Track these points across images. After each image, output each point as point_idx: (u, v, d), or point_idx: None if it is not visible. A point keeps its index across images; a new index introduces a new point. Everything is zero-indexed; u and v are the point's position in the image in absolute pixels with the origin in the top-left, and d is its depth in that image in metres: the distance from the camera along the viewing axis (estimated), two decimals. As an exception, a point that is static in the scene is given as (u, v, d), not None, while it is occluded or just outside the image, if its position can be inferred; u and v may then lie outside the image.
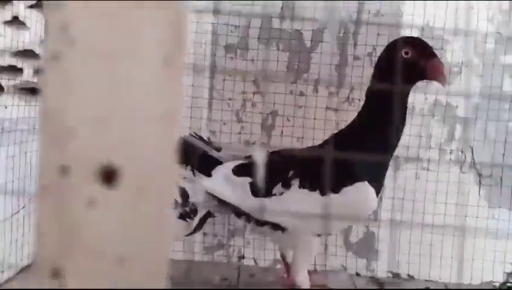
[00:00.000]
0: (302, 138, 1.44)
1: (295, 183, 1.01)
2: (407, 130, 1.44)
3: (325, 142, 1.10)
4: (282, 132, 1.45)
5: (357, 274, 1.39)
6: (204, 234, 1.43)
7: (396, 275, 1.41)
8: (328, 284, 1.24)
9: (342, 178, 0.96)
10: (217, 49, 1.44)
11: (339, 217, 0.97)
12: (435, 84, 1.42)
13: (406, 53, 0.98)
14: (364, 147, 0.99)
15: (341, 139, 1.05)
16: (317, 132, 1.42)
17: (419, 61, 0.97)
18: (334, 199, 0.95)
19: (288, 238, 1.05)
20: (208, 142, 1.15)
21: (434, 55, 0.98)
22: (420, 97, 1.46)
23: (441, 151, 1.46)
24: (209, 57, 1.43)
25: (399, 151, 1.47)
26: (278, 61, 1.45)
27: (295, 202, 0.98)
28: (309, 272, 1.32)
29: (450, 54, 1.46)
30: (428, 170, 1.45)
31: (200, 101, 1.44)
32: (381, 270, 1.42)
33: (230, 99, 1.45)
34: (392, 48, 1.02)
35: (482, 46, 1.46)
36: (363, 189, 0.98)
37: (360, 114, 1.08)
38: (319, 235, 1.03)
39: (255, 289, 1.21)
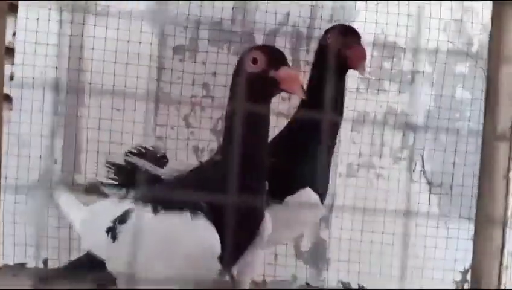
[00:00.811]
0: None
1: None
2: (360, 137, 1.46)
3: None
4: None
5: (307, 284, 1.37)
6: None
7: (346, 285, 1.39)
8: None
9: (285, 186, 0.92)
10: (165, 51, 1.38)
11: (283, 227, 0.93)
12: (390, 93, 1.46)
13: (329, 38, 0.98)
14: (301, 151, 0.96)
15: (275, 146, 1.01)
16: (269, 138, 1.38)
17: (340, 49, 0.96)
18: (278, 208, 0.91)
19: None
20: (152, 153, 1.07)
21: (355, 41, 0.97)
22: (373, 105, 1.46)
23: (393, 159, 1.46)
24: (155, 58, 1.37)
25: (352, 158, 1.48)
26: (228, 64, 1.40)
27: None
28: (255, 283, 1.29)
29: (403, 62, 1.46)
30: (380, 176, 1.44)
31: (147, 105, 1.38)
32: (332, 279, 1.40)
33: (178, 103, 1.39)
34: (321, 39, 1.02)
35: (434, 54, 1.47)
36: (306, 196, 0.94)
37: (293, 117, 1.05)
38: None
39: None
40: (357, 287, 1.38)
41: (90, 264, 0.89)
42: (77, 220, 0.96)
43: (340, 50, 0.95)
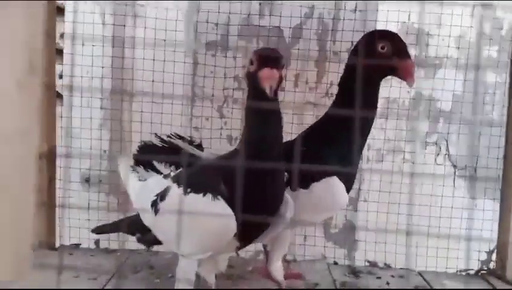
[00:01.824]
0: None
1: None
2: (389, 123, 1.50)
3: (297, 138, 1.14)
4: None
5: (335, 263, 1.44)
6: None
7: (373, 264, 1.45)
8: (302, 273, 1.29)
9: (311, 174, 0.99)
10: (198, 47, 1.48)
11: (309, 212, 1.01)
12: (418, 79, 1.48)
13: (383, 48, 1.00)
14: (333, 142, 1.02)
15: (311, 135, 1.08)
16: (297, 127, 1.45)
17: (392, 58, 0.99)
18: (304, 194, 0.98)
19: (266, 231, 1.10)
20: (190, 141, 1.18)
21: (408, 55, 0.99)
22: (403, 91, 1.50)
23: (420, 144, 1.49)
24: (190, 54, 1.47)
25: (380, 143, 1.53)
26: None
27: None
28: (286, 262, 1.38)
29: (430, 48, 1.49)
30: (407, 161, 1.49)
31: (182, 98, 1.48)
32: (359, 259, 1.47)
33: (212, 95, 1.49)
34: (369, 40, 1.03)
35: (463, 40, 1.49)
36: (332, 184, 1.00)
37: (332, 106, 1.11)
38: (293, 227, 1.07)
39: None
40: (383, 266, 1.44)
41: (141, 224, 1.02)
42: (132, 193, 1.09)
43: (391, 59, 0.98)
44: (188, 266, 0.97)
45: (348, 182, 1.05)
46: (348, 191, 1.07)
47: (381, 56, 0.99)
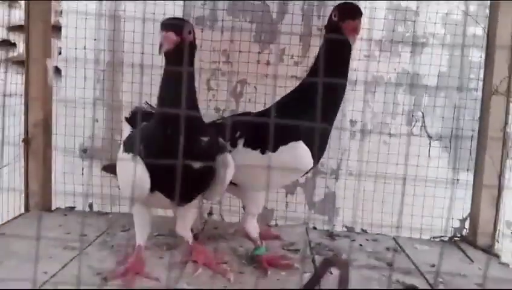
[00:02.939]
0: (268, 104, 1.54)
1: (240, 142, 1.12)
2: (374, 97, 1.55)
3: (273, 104, 1.20)
4: (249, 99, 1.56)
5: (314, 228, 1.51)
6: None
7: (350, 229, 1.52)
8: (280, 235, 1.36)
9: (279, 138, 1.06)
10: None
11: (277, 174, 1.08)
12: (402, 55, 1.53)
13: (334, 16, 1.09)
14: (304, 108, 1.08)
15: (284, 103, 1.15)
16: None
17: (338, 23, 1.07)
18: (272, 156, 1.05)
19: (240, 192, 1.18)
20: None
21: (350, 16, 1.06)
22: (388, 67, 1.55)
23: (403, 117, 1.55)
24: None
25: (365, 117, 1.58)
26: (244, 32, 1.54)
27: (240, 159, 1.09)
28: (268, 226, 1.46)
29: (416, 25, 1.53)
30: (391, 135, 1.54)
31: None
32: (338, 225, 1.54)
33: (201, 68, 1.55)
34: (331, 13, 1.12)
35: (449, 17, 1.53)
36: (297, 148, 1.07)
37: (302, 80, 1.18)
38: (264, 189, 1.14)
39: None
40: (359, 231, 1.51)
41: None
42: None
43: (338, 23, 1.07)
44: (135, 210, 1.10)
45: (319, 148, 1.11)
46: (318, 158, 1.13)
47: (333, 23, 1.08)
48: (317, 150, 1.11)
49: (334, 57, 1.04)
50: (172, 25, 0.95)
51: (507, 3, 1.35)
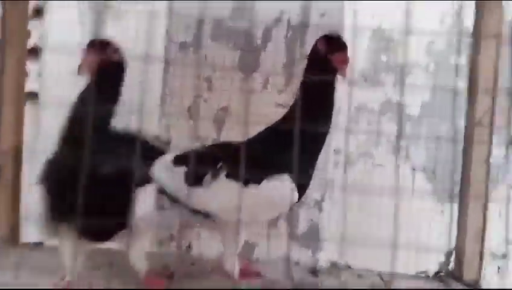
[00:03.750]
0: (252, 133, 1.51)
1: (222, 173, 1.07)
2: (357, 127, 1.53)
3: (257, 134, 1.16)
4: (232, 128, 1.52)
5: (297, 263, 1.46)
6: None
7: (334, 264, 1.48)
8: (261, 271, 1.30)
9: (263, 170, 1.02)
10: (171, 46, 1.50)
11: (259, 208, 1.03)
12: (387, 84, 1.53)
13: (320, 48, 1.06)
14: (284, 143, 1.05)
15: (271, 132, 1.11)
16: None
17: (327, 55, 1.04)
18: (255, 189, 1.01)
19: (218, 227, 1.12)
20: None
21: (339, 49, 1.04)
22: (372, 96, 1.54)
23: (388, 148, 1.53)
24: (162, 53, 1.49)
25: (349, 147, 1.56)
26: (228, 59, 1.51)
27: (222, 191, 1.04)
28: (248, 261, 1.40)
29: (401, 54, 1.53)
30: (376, 165, 1.52)
31: (153, 97, 1.50)
32: (323, 260, 1.49)
33: (182, 95, 1.51)
34: (314, 44, 1.09)
35: (432, 46, 1.53)
36: (282, 181, 1.03)
37: (291, 108, 1.14)
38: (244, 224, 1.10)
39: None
40: (344, 266, 1.47)
41: None
42: None
43: (327, 55, 1.04)
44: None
45: (303, 179, 1.07)
46: (300, 196, 1.09)
47: (319, 55, 1.05)
48: (302, 185, 1.07)
49: (317, 99, 1.02)
50: (93, 45, 0.96)
51: (489, 39, 1.36)
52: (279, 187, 1.03)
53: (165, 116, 1.50)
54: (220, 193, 1.04)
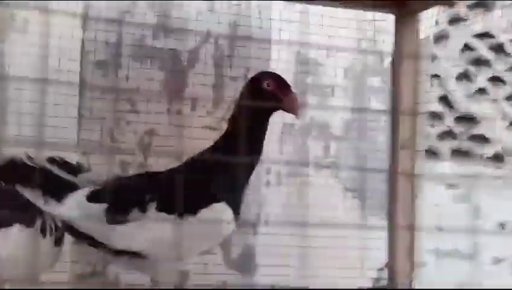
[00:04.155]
0: (181, 157, 1.43)
1: (152, 207, 0.98)
2: (286, 147, 1.53)
3: (185, 163, 1.09)
4: (159, 152, 1.43)
5: (234, 290, 1.41)
6: (75, 262, 1.33)
7: (273, 288, 1.45)
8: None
9: (199, 200, 0.96)
10: (87, 66, 1.38)
11: (198, 239, 0.97)
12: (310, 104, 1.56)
13: (268, 85, 1.05)
14: (219, 170, 1.01)
15: (199, 160, 1.06)
16: (196, 151, 1.42)
17: (277, 94, 1.03)
18: (192, 220, 0.94)
19: (150, 266, 1.02)
20: (70, 166, 1.08)
21: (291, 90, 1.05)
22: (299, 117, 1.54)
23: (316, 167, 1.55)
24: (77, 73, 1.37)
25: (279, 167, 1.56)
26: (152, 80, 1.43)
27: (153, 227, 0.96)
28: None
29: (323, 76, 1.57)
30: (305, 184, 1.53)
31: (69, 121, 1.36)
32: (260, 283, 1.45)
33: (102, 118, 1.39)
34: (256, 80, 1.08)
35: (351, 68, 1.59)
36: (220, 210, 0.98)
37: (222, 136, 1.10)
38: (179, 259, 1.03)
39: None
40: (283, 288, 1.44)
41: None
42: None
43: (276, 94, 1.03)
44: None
45: (236, 207, 1.03)
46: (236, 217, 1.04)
47: (267, 92, 1.04)
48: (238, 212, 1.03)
49: (252, 131, 1.00)
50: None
51: (408, 59, 1.45)
52: (219, 216, 0.97)
53: (83, 142, 1.37)
54: (152, 228, 0.95)
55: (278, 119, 1.51)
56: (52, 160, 1.03)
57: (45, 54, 1.32)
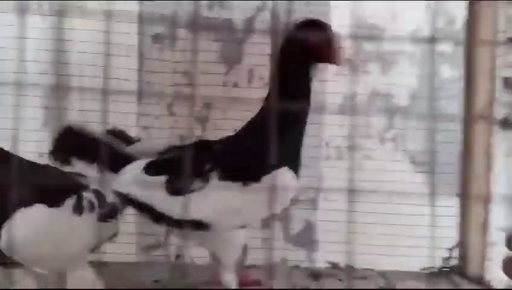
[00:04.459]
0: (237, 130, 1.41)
1: (214, 176, 0.97)
2: (345, 119, 1.46)
3: (240, 131, 1.07)
4: (216, 125, 1.41)
5: (295, 266, 1.37)
6: (141, 233, 1.36)
7: (334, 266, 1.40)
8: (261, 279, 1.21)
9: (261, 166, 0.93)
10: (144, 39, 1.38)
11: (261, 206, 0.94)
12: (373, 75, 1.46)
13: (306, 34, 0.99)
14: (274, 134, 0.96)
15: (255, 126, 1.02)
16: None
17: (317, 44, 0.97)
18: (256, 188, 0.92)
19: (212, 236, 1.01)
20: (129, 138, 1.08)
21: (331, 38, 0.98)
22: (359, 87, 1.46)
23: (379, 140, 1.46)
24: (136, 47, 1.37)
25: (339, 140, 1.49)
26: (208, 51, 1.40)
27: (216, 195, 0.94)
28: (245, 268, 1.30)
29: (385, 43, 1.46)
30: (367, 158, 1.45)
31: (127, 96, 1.37)
32: (321, 260, 1.41)
33: (161, 92, 1.39)
34: (298, 29, 1.02)
35: (418, 32, 1.47)
36: (283, 175, 0.96)
37: (267, 98, 1.06)
38: (242, 227, 1.01)
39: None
40: (344, 267, 1.38)
41: None
42: None
43: (317, 44, 0.97)
44: None
45: (297, 171, 1.02)
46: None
47: (305, 43, 0.98)
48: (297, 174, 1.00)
49: (295, 80, 0.97)
50: None
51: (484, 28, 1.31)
52: (282, 180, 0.94)
53: (142, 115, 1.38)
54: (215, 196, 0.93)
55: (336, 90, 1.45)
56: (110, 132, 1.04)
57: (104, 29, 1.33)
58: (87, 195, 0.92)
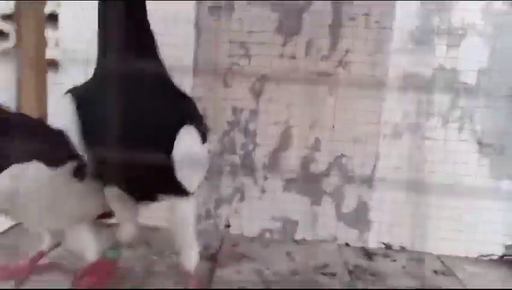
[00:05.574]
0: (290, 105, 1.37)
1: None
2: (406, 96, 1.38)
3: None
4: (271, 98, 1.38)
5: (347, 245, 1.34)
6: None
7: (388, 246, 1.35)
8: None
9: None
10: (201, 10, 1.36)
11: None
12: (440, 49, 1.36)
13: None
14: None
15: None
16: (310, 97, 1.34)
17: None
18: None
19: None
20: None
21: None
22: (421, 62, 1.37)
23: (441, 119, 1.38)
24: (193, 18, 1.35)
25: (397, 118, 1.42)
26: (266, 21, 1.36)
27: None
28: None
29: (453, 15, 1.36)
30: (427, 138, 1.37)
31: (184, 67, 1.37)
32: (373, 241, 1.37)
33: (216, 63, 1.37)
34: None
35: (490, 7, 1.35)
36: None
37: None
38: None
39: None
40: (398, 248, 1.34)
41: None
42: None
43: None
44: None
45: None
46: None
47: None
48: None
49: None
50: None
51: None
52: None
53: (197, 86, 1.38)
54: None
55: (397, 65, 1.37)
56: None
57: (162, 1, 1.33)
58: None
